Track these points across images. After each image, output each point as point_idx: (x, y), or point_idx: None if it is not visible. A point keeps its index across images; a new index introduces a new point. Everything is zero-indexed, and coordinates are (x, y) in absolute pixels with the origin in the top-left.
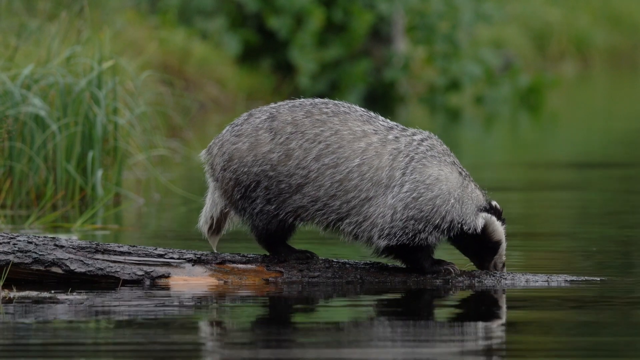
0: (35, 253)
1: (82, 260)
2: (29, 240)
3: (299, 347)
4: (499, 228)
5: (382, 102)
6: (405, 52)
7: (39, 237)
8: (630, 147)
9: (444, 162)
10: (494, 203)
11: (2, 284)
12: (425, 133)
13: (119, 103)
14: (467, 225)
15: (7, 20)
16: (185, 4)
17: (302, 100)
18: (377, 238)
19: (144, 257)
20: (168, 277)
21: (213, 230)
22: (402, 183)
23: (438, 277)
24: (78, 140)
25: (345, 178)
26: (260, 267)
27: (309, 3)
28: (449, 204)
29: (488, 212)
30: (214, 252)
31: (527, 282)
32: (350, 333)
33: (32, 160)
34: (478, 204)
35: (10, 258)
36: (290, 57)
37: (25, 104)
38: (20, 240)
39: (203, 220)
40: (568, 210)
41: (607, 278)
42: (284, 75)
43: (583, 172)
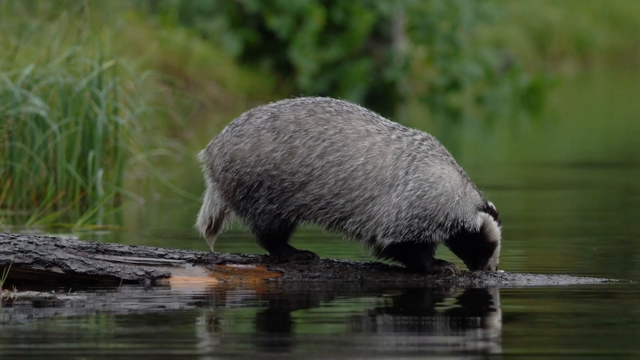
0: (36, 253)
1: (82, 261)
2: (30, 241)
3: (299, 347)
4: (496, 229)
5: (382, 102)
6: (406, 52)
7: (40, 237)
8: (631, 146)
9: (445, 161)
10: (491, 204)
11: (2, 284)
12: (424, 134)
13: (120, 103)
14: (467, 224)
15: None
16: (186, 4)
17: (303, 99)
18: (381, 237)
19: (145, 257)
20: (168, 277)
21: (211, 231)
22: (405, 182)
23: (439, 277)
24: (78, 140)
25: (350, 176)
26: (261, 267)
27: (309, 3)
28: (453, 202)
29: (485, 212)
30: (212, 251)
31: (528, 281)
32: (350, 333)
33: (32, 160)
34: (476, 204)
35: (11, 258)
36: (291, 57)
37: (26, 104)
38: (21, 241)
39: (201, 221)
40: (568, 210)
41: (607, 278)
42: (284, 75)
43: (583, 171)
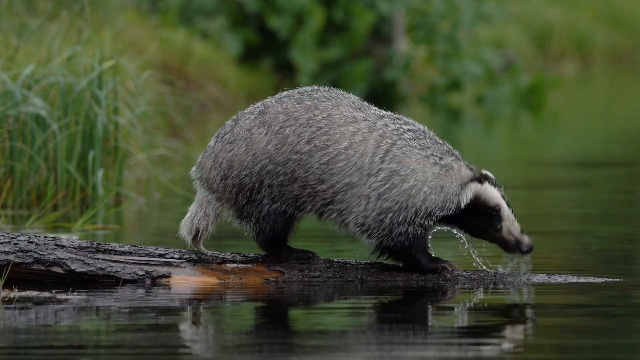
0: (36, 253)
1: (82, 260)
2: (30, 240)
3: (299, 347)
4: (492, 192)
5: (382, 101)
6: (406, 51)
7: (40, 237)
8: (631, 146)
9: (424, 151)
10: (484, 172)
11: (2, 284)
12: (414, 124)
13: (120, 103)
14: (450, 205)
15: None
16: (186, 4)
17: (288, 92)
18: (354, 227)
19: (145, 256)
20: (169, 276)
21: (197, 240)
22: (378, 172)
23: (438, 275)
24: (79, 140)
25: (332, 160)
26: (261, 267)
27: (310, 3)
28: (421, 194)
29: (475, 181)
30: (204, 252)
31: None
32: (350, 333)
33: (32, 160)
34: (463, 180)
35: (11, 258)
36: (291, 56)
37: (26, 104)
38: (21, 240)
39: (186, 230)
40: (568, 209)
41: (607, 278)
42: (285, 75)
43: (584, 171)
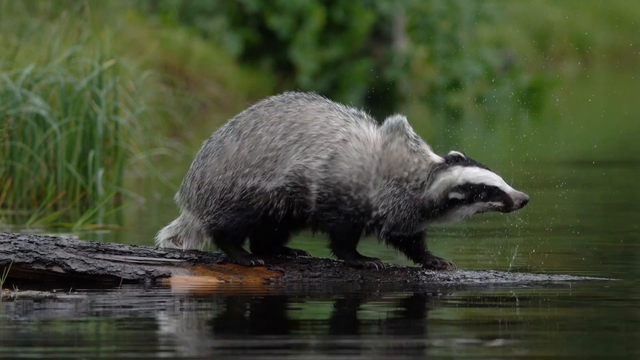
0: (36, 252)
1: (83, 260)
2: (30, 240)
3: (299, 346)
4: (470, 173)
5: (382, 101)
6: (406, 51)
7: (40, 236)
8: (631, 145)
9: (369, 147)
10: (453, 153)
11: (3, 284)
12: (396, 119)
13: (120, 102)
14: (431, 200)
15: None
16: (186, 4)
17: (259, 103)
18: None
19: (145, 256)
20: (169, 276)
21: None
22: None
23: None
24: (79, 140)
25: (309, 149)
26: (261, 266)
27: (310, 2)
28: (355, 189)
29: (441, 170)
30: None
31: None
32: (350, 333)
33: (33, 160)
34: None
35: (12, 257)
36: (291, 56)
37: (26, 104)
38: (21, 240)
39: (164, 238)
40: (568, 208)
41: (607, 278)
42: (285, 75)
43: (584, 170)
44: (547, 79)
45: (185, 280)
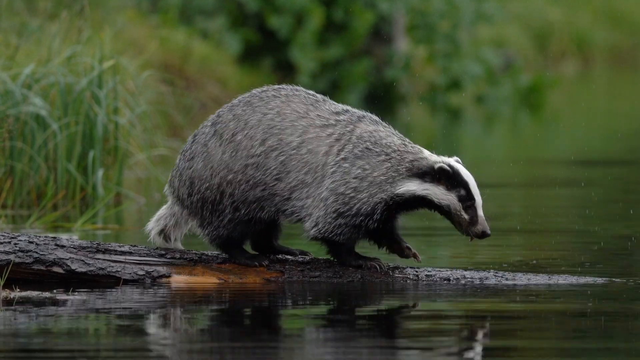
0: (36, 253)
1: (83, 260)
2: (30, 240)
3: (298, 346)
4: (432, 192)
5: (382, 101)
6: (406, 51)
7: (40, 236)
8: (631, 144)
9: (375, 151)
10: (426, 166)
11: (2, 284)
12: (368, 116)
13: (120, 102)
14: (391, 196)
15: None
16: (186, 4)
17: (240, 97)
18: (310, 228)
19: (145, 256)
20: (169, 276)
21: (167, 241)
22: (332, 173)
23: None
24: (79, 140)
25: (288, 159)
26: (261, 266)
27: (310, 2)
28: (369, 194)
29: (423, 178)
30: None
31: (528, 280)
32: (349, 332)
33: (32, 160)
34: (410, 171)
35: (11, 258)
36: (291, 56)
37: (26, 104)
38: (21, 240)
39: (155, 233)
40: (568, 207)
41: (607, 278)
42: (285, 75)
43: (583, 169)
44: (547, 79)
45: (185, 281)
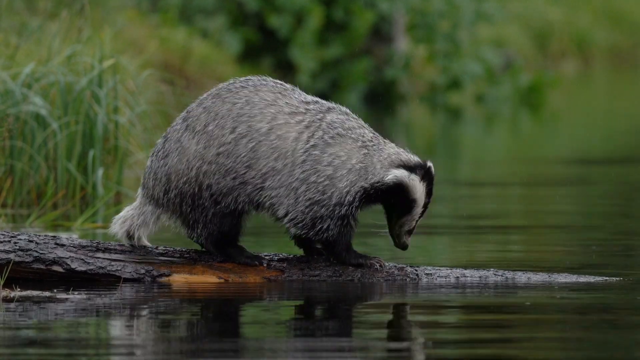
0: (36, 252)
1: (83, 259)
2: (30, 239)
3: (298, 345)
4: (416, 185)
5: (382, 101)
6: (406, 51)
7: (40, 235)
8: (631, 144)
9: (349, 137)
10: (415, 160)
11: (2, 283)
12: (338, 108)
13: (120, 102)
14: (372, 183)
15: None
16: (186, 3)
17: (208, 92)
18: (283, 218)
19: (145, 255)
20: (169, 275)
21: (133, 240)
22: (303, 162)
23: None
24: (79, 139)
25: (257, 145)
26: (261, 265)
27: (309, 2)
28: (343, 181)
29: (411, 171)
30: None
31: (528, 279)
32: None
33: (32, 159)
34: (392, 163)
35: (11, 257)
36: (291, 55)
37: (26, 103)
38: (21, 239)
39: (122, 235)
40: (568, 206)
41: (607, 277)
42: (285, 74)
43: (583, 168)
44: (547, 79)
45: (185, 280)
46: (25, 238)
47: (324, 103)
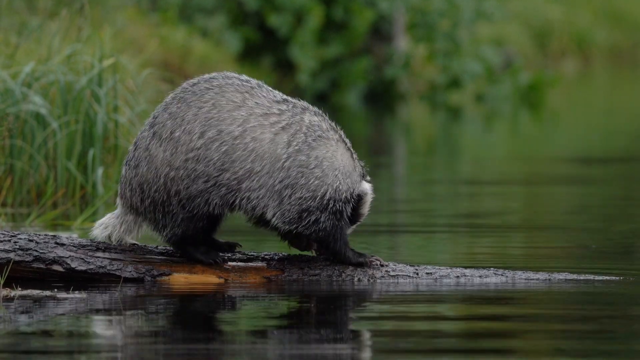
0: (36, 251)
1: (82, 258)
2: (30, 238)
3: (298, 345)
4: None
5: (382, 100)
6: (406, 50)
7: (40, 235)
8: (631, 142)
9: (332, 139)
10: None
11: (2, 282)
12: (311, 108)
13: (120, 101)
14: (349, 193)
15: (8, 18)
16: (186, 2)
17: (174, 94)
18: (275, 220)
19: (145, 255)
20: (169, 275)
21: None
22: (288, 167)
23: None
24: (79, 138)
25: (231, 148)
26: (261, 265)
27: (309, 1)
28: (337, 182)
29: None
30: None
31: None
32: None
33: (32, 158)
34: (361, 174)
35: (11, 256)
36: (291, 54)
37: (26, 102)
38: (21, 238)
39: (104, 238)
40: (568, 205)
41: (606, 276)
42: (285, 73)
43: (583, 167)
44: (546, 77)
45: (185, 279)
46: (25, 237)
47: (295, 102)
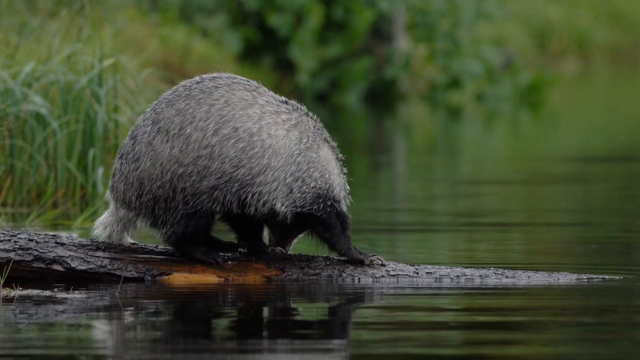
0: (36, 251)
1: (83, 258)
2: (30, 238)
3: (297, 345)
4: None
5: (382, 100)
6: (406, 49)
7: (40, 234)
8: (631, 142)
9: (329, 143)
10: None
11: (3, 282)
12: (310, 113)
13: (120, 101)
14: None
15: (8, 18)
16: (186, 2)
17: (173, 90)
18: (284, 208)
19: (145, 254)
20: (169, 274)
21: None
22: (299, 161)
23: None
24: (79, 138)
25: (248, 145)
26: (261, 264)
27: (309, 1)
28: (333, 177)
29: None
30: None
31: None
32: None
33: (33, 158)
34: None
35: (11, 256)
36: (291, 54)
37: (26, 102)
38: (21, 238)
39: (105, 238)
40: (568, 204)
41: (606, 275)
42: (285, 73)
43: (584, 166)
44: (547, 77)
45: (185, 278)
46: (25, 237)
47: (294, 103)
